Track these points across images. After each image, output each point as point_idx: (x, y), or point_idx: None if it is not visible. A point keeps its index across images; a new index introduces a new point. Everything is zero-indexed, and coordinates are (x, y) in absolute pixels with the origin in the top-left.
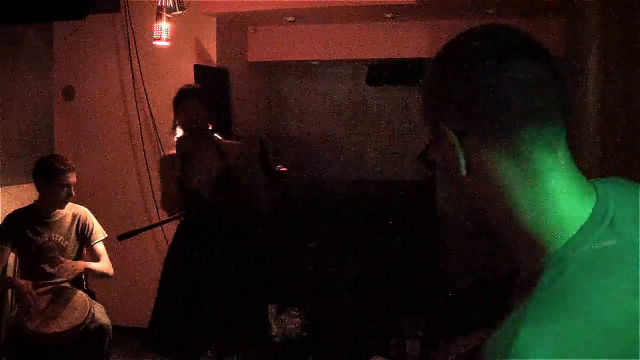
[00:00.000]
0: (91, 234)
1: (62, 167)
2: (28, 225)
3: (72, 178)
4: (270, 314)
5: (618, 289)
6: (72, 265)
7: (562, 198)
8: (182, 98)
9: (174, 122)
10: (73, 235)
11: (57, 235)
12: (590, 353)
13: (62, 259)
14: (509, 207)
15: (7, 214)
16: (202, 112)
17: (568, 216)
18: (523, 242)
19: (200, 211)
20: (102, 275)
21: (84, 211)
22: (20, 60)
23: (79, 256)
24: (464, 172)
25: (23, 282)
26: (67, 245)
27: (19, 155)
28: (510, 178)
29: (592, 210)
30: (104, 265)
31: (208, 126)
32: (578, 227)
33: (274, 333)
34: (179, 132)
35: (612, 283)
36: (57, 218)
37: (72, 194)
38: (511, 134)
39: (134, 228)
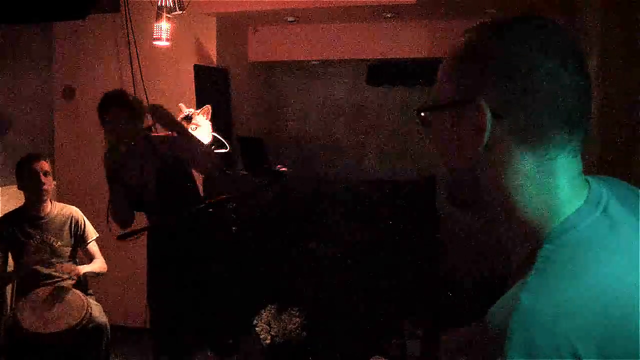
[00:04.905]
0: (84, 233)
1: (31, 157)
2: (18, 226)
3: (44, 166)
4: (270, 314)
5: (615, 262)
6: (72, 270)
7: (564, 190)
8: (106, 106)
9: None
10: (66, 235)
11: (49, 237)
12: (587, 318)
13: (62, 264)
14: (510, 195)
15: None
16: (128, 119)
17: (566, 203)
18: (520, 226)
19: (155, 216)
20: (99, 274)
21: (75, 211)
22: (20, 60)
23: (73, 256)
24: (481, 151)
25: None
26: (59, 245)
27: (19, 155)
28: (522, 172)
29: (587, 197)
30: (99, 264)
31: (137, 130)
32: (574, 209)
33: (273, 333)
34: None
35: (609, 256)
36: (47, 219)
37: (46, 182)
38: (543, 137)
39: (133, 228)
